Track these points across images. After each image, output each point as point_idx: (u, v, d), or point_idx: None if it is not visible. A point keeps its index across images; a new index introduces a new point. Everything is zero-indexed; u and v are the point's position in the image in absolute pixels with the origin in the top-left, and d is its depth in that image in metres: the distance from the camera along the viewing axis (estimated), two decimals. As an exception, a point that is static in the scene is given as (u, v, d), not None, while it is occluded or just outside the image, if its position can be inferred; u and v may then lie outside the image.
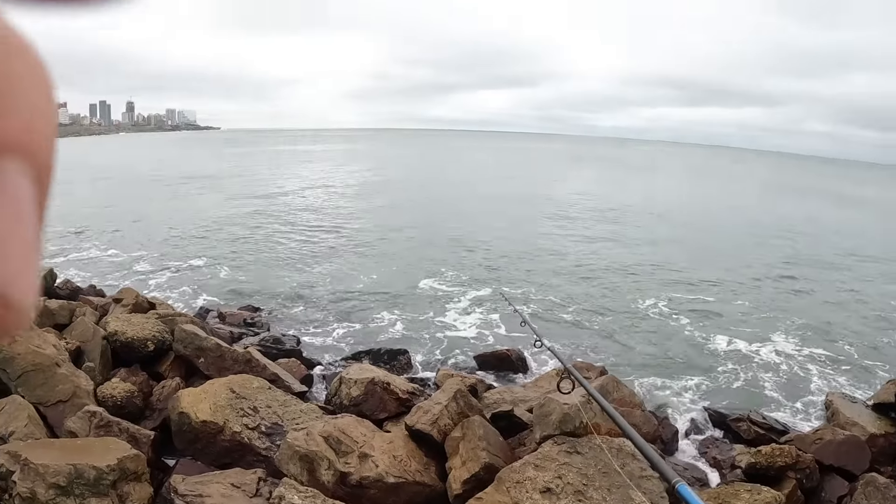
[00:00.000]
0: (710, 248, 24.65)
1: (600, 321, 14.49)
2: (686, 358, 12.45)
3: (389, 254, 20.82)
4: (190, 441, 6.76)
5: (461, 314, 14.56)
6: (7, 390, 6.72)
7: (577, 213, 32.98)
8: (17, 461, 5.00)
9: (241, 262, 19.25)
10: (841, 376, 12.02)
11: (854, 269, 22.64)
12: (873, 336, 14.59)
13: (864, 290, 19.32)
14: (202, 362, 8.77)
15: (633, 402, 7.01)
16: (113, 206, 32.26)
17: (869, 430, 8.03)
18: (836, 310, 16.82)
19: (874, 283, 20.37)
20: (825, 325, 15.09)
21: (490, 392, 8.57)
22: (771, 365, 12.27)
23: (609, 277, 18.74)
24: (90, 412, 6.29)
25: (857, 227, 36.54)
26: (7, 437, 5.72)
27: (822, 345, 13.62)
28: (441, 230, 25.53)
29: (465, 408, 6.88)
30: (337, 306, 14.77)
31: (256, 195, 37.51)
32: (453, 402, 6.84)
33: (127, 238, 23.01)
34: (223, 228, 25.28)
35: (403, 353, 11.49)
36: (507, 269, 19.05)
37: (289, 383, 8.72)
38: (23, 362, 6.93)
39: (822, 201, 54.12)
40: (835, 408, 8.98)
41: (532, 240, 24.19)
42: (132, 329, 9.02)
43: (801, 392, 11.12)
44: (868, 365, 12.70)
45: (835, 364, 12.61)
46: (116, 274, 17.68)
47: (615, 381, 7.25)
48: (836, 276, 21.31)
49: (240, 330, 12.36)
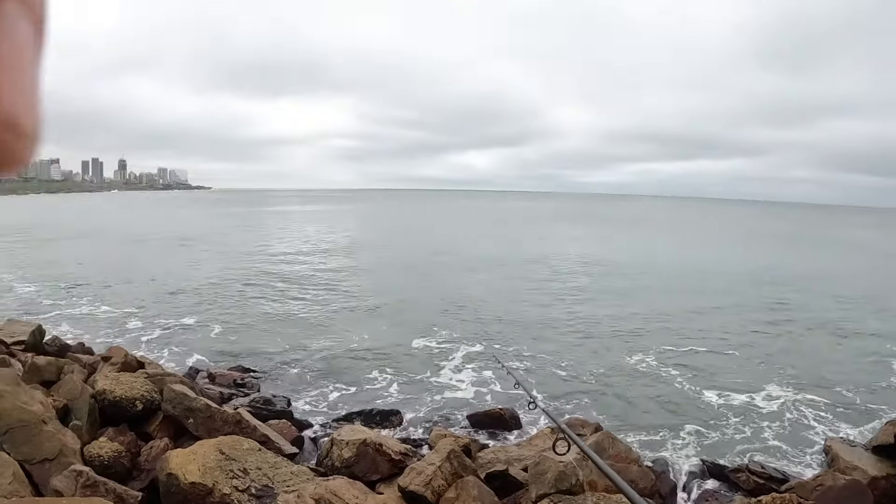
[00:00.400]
0: (698, 298, 24.82)
1: (593, 375, 14.40)
2: (681, 410, 12.35)
3: (380, 313, 20.76)
4: (178, 503, 6.60)
5: (453, 372, 14.44)
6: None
7: (565, 268, 33.16)
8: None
9: (231, 321, 19.12)
10: (839, 421, 11.97)
11: (844, 312, 22.94)
12: (868, 378, 14.62)
13: (855, 333, 19.51)
14: (191, 423, 8.63)
15: (629, 458, 6.95)
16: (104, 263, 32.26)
17: (870, 473, 7.95)
18: (828, 354, 16.91)
19: (865, 325, 20.62)
20: (818, 370, 15.11)
21: (484, 451, 8.45)
22: (767, 413, 12.20)
23: (599, 331, 18.73)
24: (76, 471, 6.16)
25: (843, 269, 37.16)
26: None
27: (816, 390, 13.59)
28: (431, 288, 25.54)
29: (459, 468, 6.79)
30: (328, 366, 14.63)
31: (247, 255, 37.57)
32: (447, 463, 6.74)
33: (118, 295, 23.00)
34: (214, 287, 25.20)
35: (396, 414, 11.36)
36: (497, 325, 19.01)
37: (279, 445, 8.58)
38: (9, 419, 6.81)
39: (808, 247, 54.93)
40: (834, 452, 8.90)
41: (521, 296, 24.23)
42: (121, 388, 8.90)
43: (800, 439, 11.03)
44: (865, 408, 12.67)
45: (831, 409, 12.56)
46: (108, 331, 17.60)
47: (610, 438, 7.19)
48: (826, 319, 21.54)
49: (230, 391, 12.19)
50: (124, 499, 6.16)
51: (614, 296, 25.01)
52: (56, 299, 21.93)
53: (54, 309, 20.37)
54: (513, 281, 28.32)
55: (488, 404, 12.12)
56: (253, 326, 18.57)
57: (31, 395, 7.53)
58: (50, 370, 9.58)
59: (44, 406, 7.44)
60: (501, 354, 15.22)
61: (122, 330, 17.83)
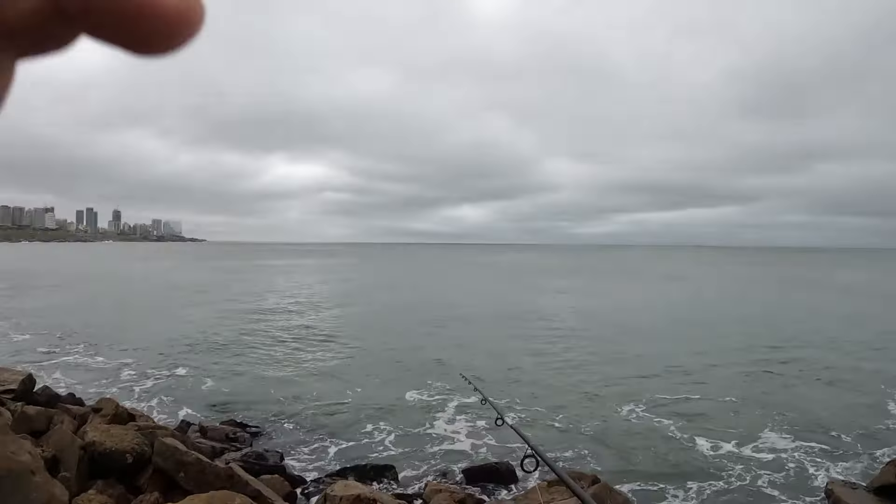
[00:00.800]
0: (691, 345, 24.89)
1: (589, 426, 14.20)
2: (679, 459, 12.16)
3: (373, 365, 20.58)
4: (167, 559, 6.41)
5: (448, 424, 14.23)
6: (-21, 499, 6.42)
7: (558, 320, 33.05)
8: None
9: (224, 374, 18.92)
10: (838, 463, 11.85)
11: (837, 354, 23.10)
12: (865, 420, 14.55)
13: (848, 375, 19.57)
14: (182, 477, 8.44)
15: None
16: (99, 313, 32.17)
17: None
18: (824, 397, 16.89)
19: (859, 367, 20.71)
20: (814, 414, 15.05)
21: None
22: (765, 461, 12.03)
23: (592, 380, 18.57)
24: (65, 525, 6.00)
25: (835, 311, 37.36)
26: (-23, 550, 5.42)
27: (813, 435, 13.49)
28: (424, 341, 25.38)
29: (457, 525, 6.64)
30: (321, 420, 14.42)
31: (240, 307, 37.52)
32: (445, 519, 6.60)
33: (112, 344, 23.16)
34: (208, 339, 25.07)
35: (390, 469, 11.15)
36: (491, 377, 18.79)
37: (272, 500, 8.38)
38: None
39: (800, 290, 55.22)
40: (836, 496, 8.75)
41: (514, 347, 24.10)
42: (111, 440, 8.74)
43: (800, 485, 10.87)
44: (864, 450, 12.55)
45: (830, 453, 12.44)
46: (100, 381, 17.66)
47: (608, 489, 7.06)
48: (819, 361, 21.68)
49: (222, 445, 11.98)
50: (112, 554, 5.98)
51: (608, 345, 24.92)
52: (50, 347, 22.20)
53: (48, 357, 20.67)
54: (504, 332, 28.21)
55: (484, 457, 11.93)
56: (246, 379, 18.39)
57: (20, 445, 7.37)
58: (40, 420, 9.43)
59: (32, 456, 7.27)
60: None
61: (114, 380, 17.77)
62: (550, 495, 8.54)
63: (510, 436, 13.36)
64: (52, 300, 38.93)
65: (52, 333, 24.83)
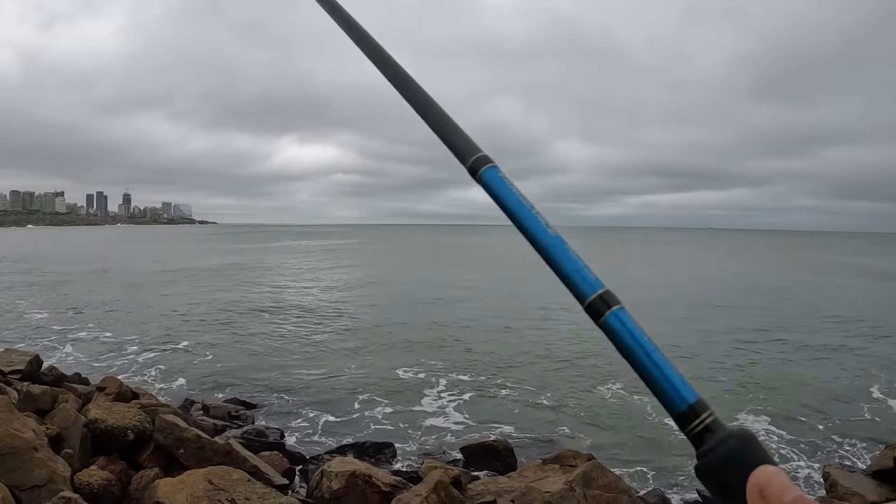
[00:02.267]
0: (689, 324, 24.97)
1: (585, 408, 14.33)
2: (674, 442, 12.26)
3: (376, 346, 20.78)
4: (165, 532, 6.61)
5: (448, 404, 14.41)
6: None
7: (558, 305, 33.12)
8: (-13, 546, 4.92)
9: (228, 353, 19.19)
10: (835, 446, 11.93)
11: (837, 336, 23.21)
12: (863, 403, 14.63)
13: (849, 357, 19.70)
14: (182, 453, 8.64)
15: (619, 488, 6.94)
16: (109, 293, 32.62)
17: (869, 498, 7.86)
18: (820, 379, 16.96)
19: (861, 349, 20.80)
20: (810, 396, 15.12)
21: (475, 483, 8.44)
22: (762, 442, 12.14)
23: (588, 363, 18.65)
24: (65, 498, 6.19)
25: (837, 293, 37.33)
26: (-21, 521, 5.62)
27: (810, 417, 13.57)
28: (427, 322, 25.54)
29: (445, 499, 6.80)
30: (322, 399, 14.63)
31: (248, 287, 37.82)
32: (433, 494, 6.76)
33: (120, 323, 23.72)
34: (213, 319, 25.42)
35: (388, 447, 11.33)
36: (491, 358, 18.97)
37: (269, 476, 8.56)
38: (0, 444, 6.86)
39: (804, 273, 55.17)
40: (833, 479, 8.82)
41: (519, 329, 24.22)
42: (113, 417, 8.94)
43: (797, 466, 10.98)
44: (862, 434, 12.61)
45: (827, 435, 12.53)
46: (107, 358, 18.22)
47: (600, 468, 7.18)
48: (818, 343, 21.76)
49: (223, 422, 12.20)
50: (111, 526, 6.18)
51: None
52: (62, 325, 22.74)
53: (57, 335, 21.16)
54: (508, 315, 28.32)
55: (482, 436, 12.10)
56: (250, 359, 18.64)
57: (24, 423, 7.58)
58: (45, 399, 9.63)
59: (36, 434, 7.48)
60: (492, 384, 15.35)
61: (120, 358, 18.16)
62: (544, 473, 8.70)
63: (508, 415, 13.60)
64: (64, 281, 39.43)
65: (62, 312, 25.45)
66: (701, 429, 0.71)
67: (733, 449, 0.68)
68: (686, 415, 0.72)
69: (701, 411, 0.72)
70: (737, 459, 0.67)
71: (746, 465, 0.67)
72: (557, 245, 0.85)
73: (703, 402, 0.73)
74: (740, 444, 0.69)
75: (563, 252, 0.85)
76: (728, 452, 0.68)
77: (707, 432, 0.71)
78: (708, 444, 0.70)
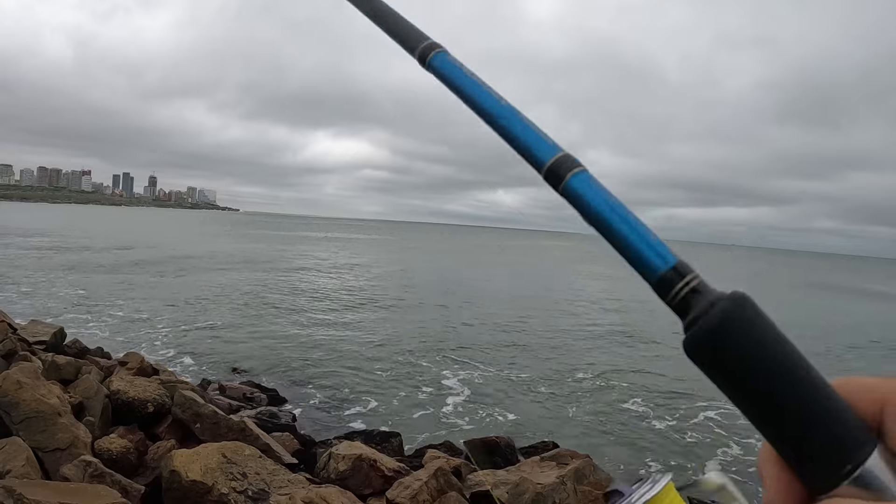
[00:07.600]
0: None
1: (586, 411, 14.49)
2: (674, 450, 12.42)
3: (393, 339, 21.10)
4: (178, 499, 6.94)
5: (458, 397, 14.72)
6: (8, 432, 7.03)
7: (581, 308, 33.24)
8: (12, 496, 5.28)
9: (248, 338, 19.63)
10: None
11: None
12: None
13: None
14: (198, 427, 9.01)
15: (608, 486, 7.14)
16: (136, 274, 33.38)
17: None
18: None
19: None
20: None
21: (474, 474, 8.69)
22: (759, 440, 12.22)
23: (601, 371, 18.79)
24: (86, 461, 6.56)
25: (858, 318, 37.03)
26: (4, 475, 6.00)
27: None
28: (446, 318, 25.83)
29: (444, 485, 7.07)
30: (336, 387, 14.98)
31: (269, 275, 38.39)
32: (433, 480, 7.03)
33: (144, 304, 24.12)
34: (235, 303, 26.02)
35: (395, 436, 11.61)
36: (510, 355, 19.18)
37: (280, 455, 8.90)
38: (27, 408, 7.27)
39: (830, 296, 54.53)
40: None
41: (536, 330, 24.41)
42: (134, 390, 9.35)
43: None
44: None
45: None
46: (130, 335, 18.78)
47: (592, 466, 7.40)
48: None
49: (238, 403, 12.58)
50: (128, 490, 6.53)
51: (619, 334, 25.06)
52: (90, 303, 23.31)
53: (82, 311, 21.82)
54: (530, 314, 28.50)
55: (487, 431, 12.35)
56: (268, 342, 19.08)
57: (49, 389, 7.99)
58: (69, 369, 10.07)
59: (60, 400, 7.88)
60: (506, 380, 15.58)
61: (141, 337, 18.66)
62: (541, 468, 8.93)
63: (518, 411, 13.83)
64: (94, 259, 40.36)
65: (92, 290, 26.20)
66: (687, 291, 0.59)
67: (727, 310, 0.56)
68: (667, 277, 0.60)
69: (685, 272, 0.60)
70: (736, 322, 0.56)
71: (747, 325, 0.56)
72: (511, 115, 0.76)
73: (686, 264, 0.61)
74: (734, 304, 0.56)
75: (517, 121, 0.75)
76: (723, 314, 0.56)
77: (694, 294, 0.59)
78: (696, 309, 0.58)
